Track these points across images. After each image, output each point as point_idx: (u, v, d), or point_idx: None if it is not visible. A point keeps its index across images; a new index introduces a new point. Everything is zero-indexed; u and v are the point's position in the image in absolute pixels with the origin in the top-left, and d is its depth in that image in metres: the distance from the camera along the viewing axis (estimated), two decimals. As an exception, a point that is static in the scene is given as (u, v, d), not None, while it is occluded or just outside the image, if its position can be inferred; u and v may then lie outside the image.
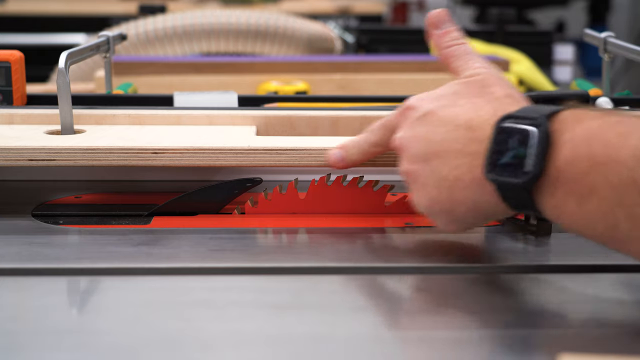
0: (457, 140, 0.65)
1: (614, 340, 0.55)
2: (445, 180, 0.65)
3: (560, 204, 0.58)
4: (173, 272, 0.66)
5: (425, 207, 0.67)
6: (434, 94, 0.70)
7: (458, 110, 0.66)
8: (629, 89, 1.08)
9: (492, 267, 0.67)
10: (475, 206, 0.64)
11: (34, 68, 1.09)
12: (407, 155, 0.68)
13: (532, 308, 0.61)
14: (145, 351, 0.53)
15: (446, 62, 0.74)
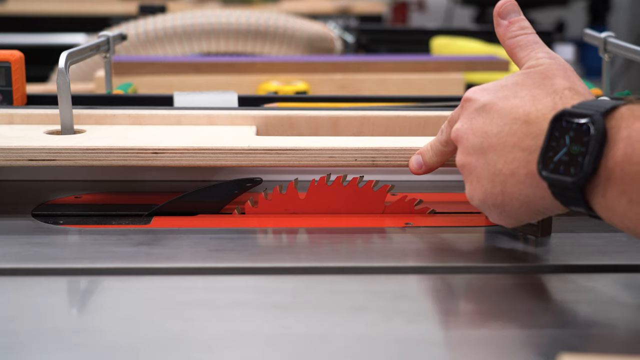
0: (514, 134, 0.64)
1: (614, 340, 0.55)
2: (500, 174, 0.64)
3: (612, 204, 0.57)
4: (173, 272, 0.66)
5: (478, 200, 0.66)
6: (496, 84, 0.69)
7: (517, 102, 0.65)
8: (629, 89, 1.08)
9: (492, 267, 0.67)
10: (528, 201, 0.63)
11: (34, 68, 1.09)
12: (463, 147, 0.68)
13: (532, 308, 0.61)
14: (145, 351, 0.53)
15: (511, 53, 0.72)
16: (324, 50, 1.49)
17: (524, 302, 0.62)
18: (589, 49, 1.22)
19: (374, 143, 0.77)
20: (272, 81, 1.22)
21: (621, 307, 0.61)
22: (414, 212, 0.79)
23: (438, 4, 3.68)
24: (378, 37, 1.97)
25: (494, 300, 0.62)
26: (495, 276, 0.66)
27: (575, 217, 0.76)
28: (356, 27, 2.08)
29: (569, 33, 3.35)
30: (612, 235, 0.73)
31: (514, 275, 0.66)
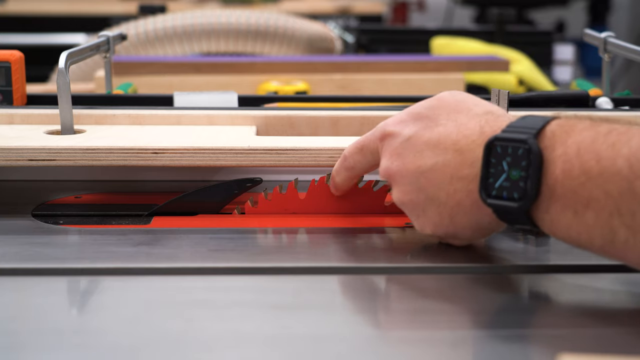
0: (448, 165, 0.65)
1: (614, 340, 0.55)
2: (445, 206, 0.65)
3: (556, 219, 0.59)
4: (173, 272, 0.66)
5: (431, 231, 0.67)
6: (410, 113, 0.69)
7: (441, 130, 0.66)
8: (629, 89, 1.08)
9: (492, 267, 0.67)
10: (478, 226, 0.65)
11: (34, 68, 1.09)
12: (399, 187, 0.68)
13: (532, 308, 0.61)
14: (145, 351, 0.53)
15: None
16: (324, 50, 1.49)
17: (524, 302, 0.62)
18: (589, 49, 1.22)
19: (374, 143, 0.77)
20: (272, 81, 1.22)
21: (621, 307, 0.61)
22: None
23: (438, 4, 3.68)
24: (378, 37, 1.97)
25: (494, 300, 0.62)
26: (495, 276, 0.66)
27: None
28: (356, 27, 2.08)
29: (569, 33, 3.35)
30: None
31: (514, 275, 0.66)
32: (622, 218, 0.56)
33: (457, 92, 0.70)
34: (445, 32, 1.87)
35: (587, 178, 0.57)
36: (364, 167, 0.72)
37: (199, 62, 1.27)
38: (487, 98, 0.70)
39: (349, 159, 0.73)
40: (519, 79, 1.37)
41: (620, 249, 0.57)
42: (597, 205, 0.57)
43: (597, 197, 0.56)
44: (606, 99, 0.97)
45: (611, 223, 0.56)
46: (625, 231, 0.56)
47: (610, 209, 0.56)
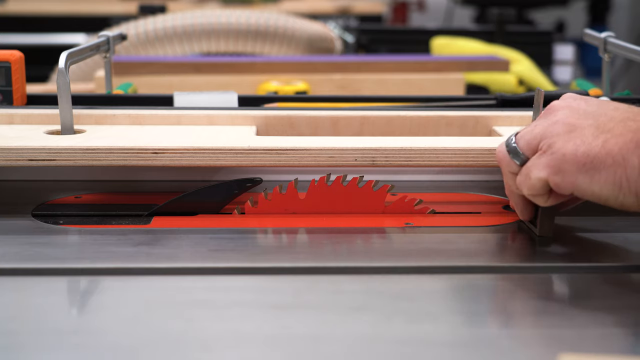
0: (627, 111, 0.65)
1: (614, 340, 0.55)
2: (606, 132, 0.64)
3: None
4: (173, 272, 0.66)
5: (568, 153, 0.64)
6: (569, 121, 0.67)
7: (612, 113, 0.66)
8: (629, 89, 1.08)
9: (492, 267, 0.67)
10: (622, 163, 0.62)
11: (34, 68, 1.09)
12: (569, 111, 0.67)
13: (532, 308, 0.61)
14: (145, 351, 0.53)
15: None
16: (324, 50, 1.49)
17: (524, 302, 0.62)
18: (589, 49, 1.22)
19: (374, 143, 0.77)
20: (272, 81, 1.22)
21: (621, 307, 0.61)
22: (414, 212, 0.79)
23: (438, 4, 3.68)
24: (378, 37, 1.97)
25: (494, 300, 0.62)
26: (495, 276, 0.66)
27: (575, 217, 0.76)
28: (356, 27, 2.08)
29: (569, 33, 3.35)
30: (612, 235, 0.73)
31: (514, 275, 0.66)
32: None
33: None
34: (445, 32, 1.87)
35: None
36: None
37: (199, 62, 1.27)
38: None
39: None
40: (519, 79, 1.37)
41: None
42: None
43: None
44: (606, 99, 0.97)
45: None
46: None
47: None
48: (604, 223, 0.75)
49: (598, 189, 0.63)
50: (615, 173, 0.62)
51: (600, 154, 0.63)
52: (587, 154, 0.63)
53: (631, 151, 0.62)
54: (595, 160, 0.63)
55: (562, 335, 0.56)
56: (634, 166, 0.62)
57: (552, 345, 0.54)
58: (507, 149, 0.69)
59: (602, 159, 0.63)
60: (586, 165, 0.63)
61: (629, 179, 0.62)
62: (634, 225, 0.75)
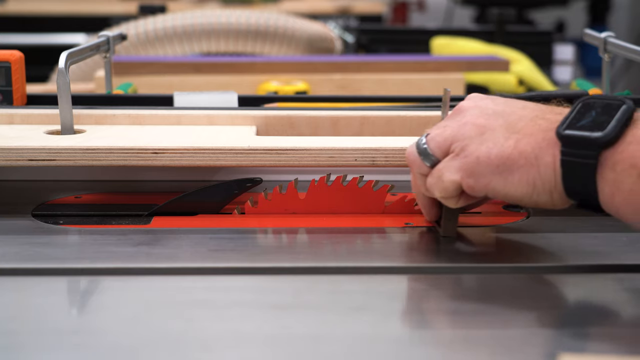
0: (534, 109, 0.65)
1: (614, 340, 0.55)
2: (517, 132, 0.64)
3: (620, 178, 0.58)
4: (173, 272, 0.66)
5: (482, 155, 0.64)
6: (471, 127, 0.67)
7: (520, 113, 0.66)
8: (629, 89, 1.08)
9: (492, 267, 0.67)
10: (535, 163, 0.62)
11: (34, 68, 1.09)
12: (475, 112, 0.67)
13: (532, 308, 0.61)
14: (145, 351, 0.53)
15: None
16: (324, 50, 1.49)
17: (524, 302, 0.62)
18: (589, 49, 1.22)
19: (374, 143, 0.77)
20: (272, 81, 1.22)
21: (621, 307, 0.61)
22: (413, 212, 0.79)
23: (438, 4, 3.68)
24: (378, 37, 1.97)
25: (494, 300, 0.62)
26: (495, 276, 0.66)
27: (575, 216, 0.76)
28: (356, 27, 2.08)
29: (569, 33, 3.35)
30: (612, 235, 0.73)
31: (513, 275, 0.66)
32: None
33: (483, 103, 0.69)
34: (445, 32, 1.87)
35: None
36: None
37: (199, 62, 1.27)
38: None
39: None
40: (519, 79, 1.37)
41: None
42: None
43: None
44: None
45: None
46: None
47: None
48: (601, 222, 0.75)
49: (512, 189, 0.63)
50: (529, 173, 0.62)
51: (513, 155, 0.63)
52: (500, 155, 0.63)
53: (544, 150, 0.62)
54: (509, 162, 0.63)
55: (562, 335, 0.56)
56: (548, 164, 0.62)
57: (552, 345, 0.54)
58: (417, 150, 0.68)
59: (515, 159, 0.63)
60: (499, 167, 0.63)
61: (542, 178, 0.62)
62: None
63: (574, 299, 0.63)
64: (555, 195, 0.62)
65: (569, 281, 0.65)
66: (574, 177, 0.60)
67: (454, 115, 0.69)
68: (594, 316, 0.59)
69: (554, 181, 0.62)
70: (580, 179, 0.60)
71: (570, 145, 0.60)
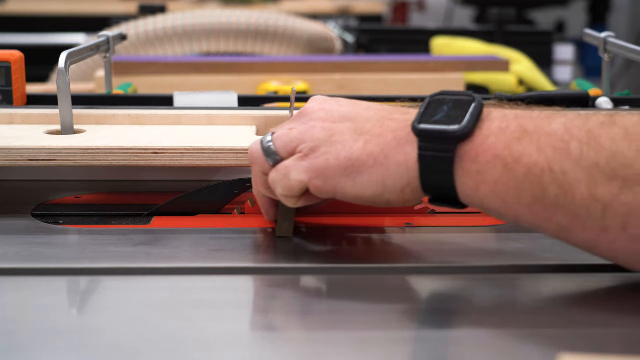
0: (382, 110, 0.66)
1: (614, 340, 0.55)
2: (367, 134, 0.64)
3: (485, 170, 0.59)
4: (173, 272, 0.66)
5: (331, 161, 0.64)
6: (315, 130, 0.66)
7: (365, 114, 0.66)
8: (629, 89, 1.08)
9: (493, 267, 0.67)
10: (383, 162, 0.62)
11: (34, 68, 1.09)
12: (325, 114, 0.67)
13: (532, 308, 0.61)
14: (145, 351, 0.53)
15: None
16: (324, 50, 1.49)
17: (524, 301, 0.62)
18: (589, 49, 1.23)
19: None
20: (272, 81, 1.22)
21: (621, 307, 0.61)
22: (414, 212, 0.79)
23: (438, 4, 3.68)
24: (378, 37, 1.97)
25: (494, 300, 0.62)
26: (495, 276, 0.66)
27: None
28: (356, 27, 2.08)
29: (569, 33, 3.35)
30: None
31: (513, 275, 0.66)
32: (554, 175, 0.56)
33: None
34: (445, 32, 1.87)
35: (523, 134, 0.58)
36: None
37: (199, 62, 1.27)
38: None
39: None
40: (519, 79, 1.37)
41: (549, 207, 0.57)
42: (529, 160, 0.57)
43: (530, 152, 0.57)
44: (606, 99, 0.97)
45: (542, 179, 0.57)
46: (555, 189, 0.56)
47: (542, 165, 0.57)
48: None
49: (362, 190, 0.63)
50: (378, 173, 0.62)
51: (362, 157, 0.63)
52: (348, 157, 0.63)
53: (394, 149, 0.62)
54: (357, 163, 0.63)
55: (562, 335, 0.56)
56: (399, 163, 0.62)
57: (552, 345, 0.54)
58: (262, 148, 0.68)
59: (364, 161, 0.63)
60: (348, 169, 0.63)
61: (393, 176, 0.62)
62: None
63: (574, 299, 0.63)
64: (408, 192, 0.62)
65: (570, 280, 0.65)
66: (432, 171, 0.61)
67: (299, 117, 0.68)
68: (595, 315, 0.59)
69: (407, 178, 0.62)
70: (439, 174, 0.60)
71: (427, 140, 0.61)
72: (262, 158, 0.67)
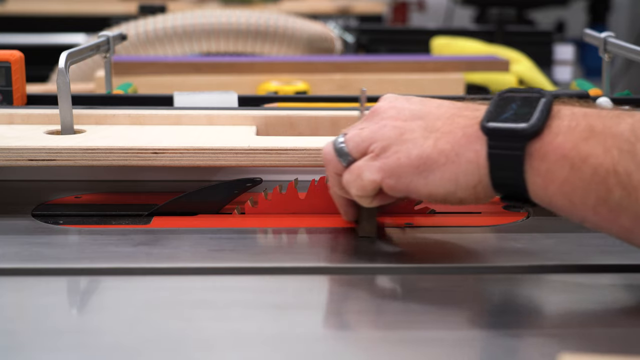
0: (452, 107, 0.65)
1: (614, 340, 0.55)
2: (437, 131, 0.64)
3: (553, 169, 0.59)
4: (173, 272, 0.66)
5: (403, 160, 0.64)
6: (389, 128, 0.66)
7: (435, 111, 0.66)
8: (629, 89, 1.08)
9: (493, 267, 0.67)
10: (455, 160, 0.62)
11: (34, 68, 1.09)
12: (391, 114, 0.67)
13: (533, 308, 0.61)
14: (145, 351, 0.53)
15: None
16: (324, 50, 1.49)
17: (524, 301, 0.62)
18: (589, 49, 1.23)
19: (374, 143, 0.77)
20: (272, 81, 1.22)
21: (621, 307, 0.61)
22: (414, 212, 0.79)
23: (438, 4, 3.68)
24: (378, 37, 1.97)
25: (494, 300, 0.62)
26: (495, 276, 0.66)
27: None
28: (356, 27, 2.08)
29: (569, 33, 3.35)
30: (612, 235, 0.73)
31: (514, 275, 0.66)
32: (619, 177, 0.56)
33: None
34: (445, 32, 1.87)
35: (590, 134, 0.58)
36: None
37: (199, 62, 1.27)
38: (486, 98, 0.70)
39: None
40: (519, 79, 1.37)
41: (614, 209, 0.57)
42: (596, 161, 0.57)
43: (597, 153, 0.57)
44: (606, 99, 0.97)
45: (607, 181, 0.57)
46: (620, 191, 0.56)
47: (607, 167, 0.57)
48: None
49: (434, 188, 0.63)
50: (450, 170, 0.62)
51: (433, 155, 0.63)
52: (420, 156, 0.63)
53: (464, 147, 0.62)
54: (429, 161, 0.63)
55: (562, 335, 0.56)
56: (470, 160, 0.61)
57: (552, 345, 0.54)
58: (334, 149, 0.68)
59: (435, 158, 0.63)
60: (420, 167, 0.63)
61: (465, 174, 0.62)
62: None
63: (574, 299, 0.63)
64: (479, 189, 0.62)
65: (570, 280, 0.65)
66: (502, 169, 0.60)
67: (370, 116, 0.68)
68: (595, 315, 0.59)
69: (478, 176, 0.62)
70: (509, 171, 0.60)
71: (496, 138, 0.60)
72: (335, 159, 0.68)
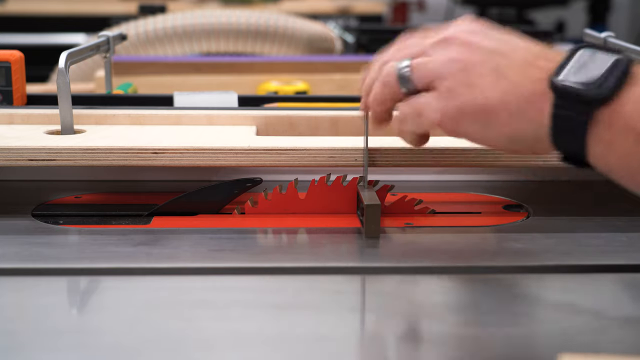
0: (528, 51, 0.61)
1: (614, 340, 0.55)
2: (505, 79, 0.61)
3: (617, 140, 0.56)
4: (173, 272, 0.66)
5: (467, 100, 0.62)
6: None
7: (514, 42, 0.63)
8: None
9: (493, 267, 0.67)
10: (518, 113, 0.60)
11: (34, 68, 1.09)
12: (463, 48, 0.63)
13: (532, 308, 0.61)
14: (145, 351, 0.53)
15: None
16: (324, 50, 1.49)
17: (524, 301, 0.62)
18: (589, 49, 1.22)
19: (374, 143, 0.77)
20: (272, 81, 1.22)
21: (621, 307, 0.61)
22: (414, 212, 0.79)
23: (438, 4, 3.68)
24: (378, 37, 1.97)
25: (494, 300, 0.62)
26: (495, 276, 0.66)
27: (575, 216, 0.76)
28: (356, 27, 2.07)
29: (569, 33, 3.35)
30: (612, 235, 0.73)
31: (514, 275, 0.66)
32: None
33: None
34: (445, 32, 1.87)
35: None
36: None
37: (199, 62, 1.27)
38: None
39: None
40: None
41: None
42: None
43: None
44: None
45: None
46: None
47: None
48: (603, 222, 0.75)
49: (492, 139, 0.62)
50: (510, 126, 0.60)
51: (496, 107, 0.60)
52: (483, 105, 0.61)
53: (530, 104, 0.59)
54: (491, 114, 0.61)
55: (562, 335, 0.56)
56: (532, 119, 0.59)
57: (552, 345, 0.54)
58: (397, 73, 0.66)
59: (498, 112, 0.60)
60: (481, 117, 0.61)
61: (525, 132, 0.60)
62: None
63: (574, 299, 0.63)
64: (538, 147, 0.61)
65: (570, 280, 0.65)
66: (564, 132, 0.58)
67: (441, 44, 0.65)
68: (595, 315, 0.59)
69: (537, 134, 0.60)
70: (570, 135, 0.58)
71: (564, 99, 0.58)
72: (396, 84, 0.66)
